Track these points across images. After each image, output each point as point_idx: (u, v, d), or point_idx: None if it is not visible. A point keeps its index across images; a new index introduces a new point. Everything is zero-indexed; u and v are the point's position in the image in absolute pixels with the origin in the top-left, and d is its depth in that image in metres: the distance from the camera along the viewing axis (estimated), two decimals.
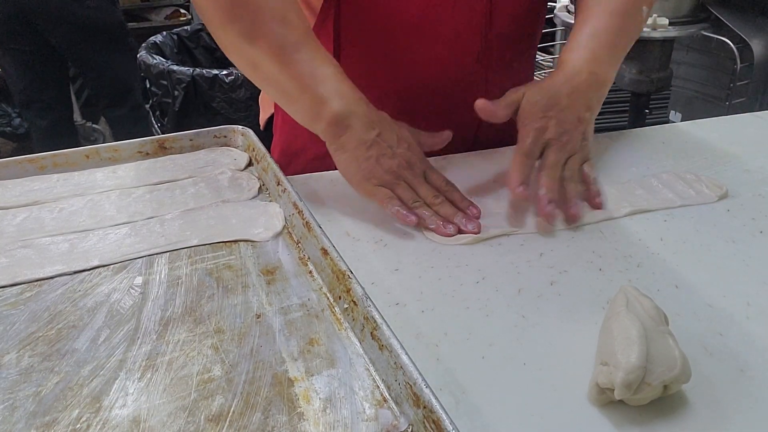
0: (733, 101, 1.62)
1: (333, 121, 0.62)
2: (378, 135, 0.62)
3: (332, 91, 0.62)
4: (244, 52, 0.64)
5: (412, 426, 0.38)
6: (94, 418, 0.39)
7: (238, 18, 0.62)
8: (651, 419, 0.40)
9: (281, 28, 0.62)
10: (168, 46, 2.39)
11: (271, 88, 0.67)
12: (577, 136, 0.66)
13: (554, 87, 0.67)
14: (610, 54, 0.70)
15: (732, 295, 0.51)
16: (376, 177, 0.61)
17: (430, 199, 0.61)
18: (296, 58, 0.62)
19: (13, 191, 0.65)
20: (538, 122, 0.65)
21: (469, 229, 0.59)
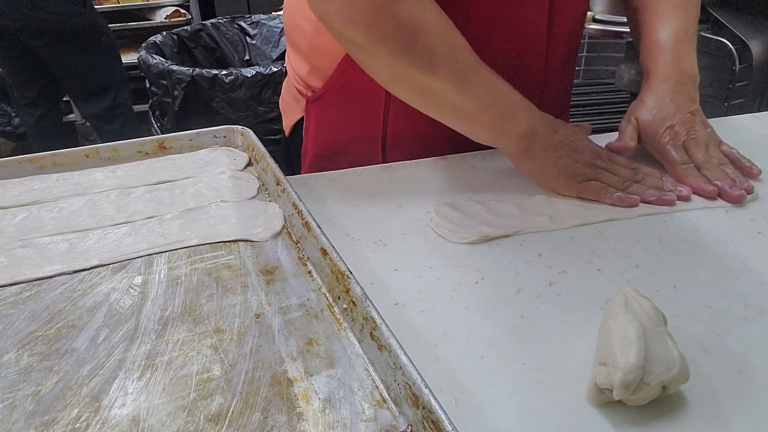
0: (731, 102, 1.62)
1: (522, 133, 0.65)
2: (561, 135, 0.66)
3: (514, 106, 0.65)
4: (418, 81, 0.63)
5: (411, 426, 0.38)
6: (93, 417, 0.39)
7: (413, 51, 0.61)
8: (649, 419, 0.40)
9: (454, 53, 0.62)
10: (168, 45, 2.39)
11: (448, 112, 0.66)
12: (700, 127, 0.71)
13: (656, 98, 0.72)
14: (688, 46, 0.74)
15: (730, 296, 0.51)
16: (579, 174, 0.64)
17: (633, 177, 0.65)
18: (473, 79, 0.63)
19: (13, 191, 0.65)
20: (663, 136, 0.70)
21: (685, 193, 0.63)
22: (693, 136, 0.70)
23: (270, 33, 2.57)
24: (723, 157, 0.69)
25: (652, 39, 0.75)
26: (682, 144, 0.69)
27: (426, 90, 0.64)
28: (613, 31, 1.64)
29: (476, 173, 0.72)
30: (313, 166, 0.83)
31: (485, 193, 0.68)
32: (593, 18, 1.66)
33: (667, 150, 0.69)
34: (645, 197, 0.63)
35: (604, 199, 0.63)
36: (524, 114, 0.65)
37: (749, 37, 1.57)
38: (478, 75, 0.64)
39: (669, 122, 0.70)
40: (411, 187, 0.69)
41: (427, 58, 0.61)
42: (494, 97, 0.64)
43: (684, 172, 0.67)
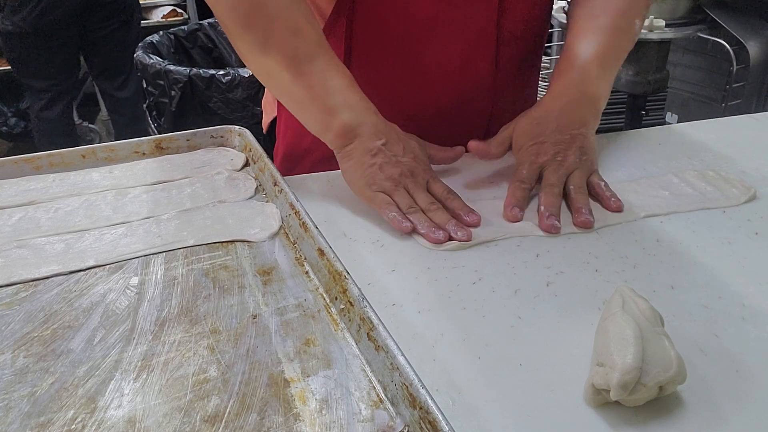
0: (729, 103, 1.63)
1: (341, 132, 0.63)
2: (384, 144, 0.63)
3: (342, 103, 0.63)
4: (259, 61, 0.65)
5: (408, 427, 0.38)
6: (89, 418, 0.39)
7: (252, 28, 0.63)
8: (647, 420, 0.40)
9: (294, 39, 0.63)
10: (165, 45, 2.39)
11: (285, 97, 0.68)
12: (573, 153, 0.66)
13: (542, 112, 0.68)
14: (601, 70, 0.70)
15: (727, 297, 0.51)
16: (376, 183, 0.62)
17: (425, 206, 0.61)
18: (308, 69, 0.63)
19: (9, 191, 0.65)
20: (530, 149, 0.67)
21: (458, 237, 0.58)
22: (560, 159, 0.66)
23: None
24: (582, 186, 0.64)
25: (566, 56, 0.71)
26: (541, 163, 0.66)
27: (267, 71, 0.66)
28: None
29: (474, 173, 0.72)
30: (283, 166, 0.83)
31: (481, 192, 0.67)
32: None
33: (521, 165, 0.66)
34: (417, 228, 0.59)
35: (382, 214, 0.61)
36: (348, 112, 0.63)
37: (746, 37, 1.58)
38: (313, 66, 0.63)
39: (541, 138, 0.67)
40: None
41: (261, 37, 0.63)
42: (325, 90, 0.63)
43: (511, 189, 0.64)
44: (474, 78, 0.76)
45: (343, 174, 0.65)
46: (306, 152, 0.81)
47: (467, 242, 0.58)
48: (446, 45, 0.73)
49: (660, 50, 1.57)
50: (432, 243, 0.58)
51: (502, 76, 0.77)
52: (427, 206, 0.61)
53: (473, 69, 0.75)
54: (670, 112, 1.91)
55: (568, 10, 0.79)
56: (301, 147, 0.81)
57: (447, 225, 0.59)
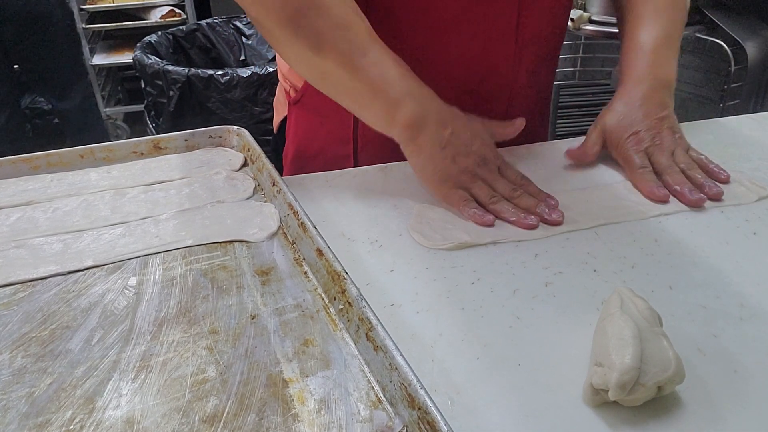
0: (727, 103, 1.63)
1: (408, 124, 0.62)
2: (451, 133, 0.63)
3: (404, 93, 0.62)
4: (312, 63, 0.63)
5: (407, 427, 0.38)
6: (87, 419, 0.39)
7: (302, 30, 0.61)
8: (645, 420, 0.40)
9: (346, 35, 0.61)
10: (163, 45, 2.38)
11: (343, 95, 0.66)
12: (667, 134, 0.69)
13: (626, 103, 0.70)
14: (668, 51, 0.72)
15: (726, 297, 0.51)
16: (452, 178, 0.62)
17: (508, 193, 0.62)
18: (364, 63, 0.61)
19: (7, 191, 0.65)
20: (628, 141, 0.69)
21: (553, 218, 0.59)
22: (658, 142, 0.68)
23: None
24: (691, 162, 0.68)
25: (632, 42, 0.73)
26: (644, 150, 0.68)
27: (322, 72, 0.64)
28: (608, 32, 1.65)
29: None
30: (293, 167, 0.83)
31: None
32: (589, 19, 1.67)
33: (629, 155, 0.68)
34: (505, 216, 0.60)
35: (462, 211, 0.61)
36: (413, 103, 0.61)
37: (744, 38, 1.58)
38: (369, 58, 0.61)
39: (635, 128, 0.69)
40: (407, 187, 0.68)
41: (314, 38, 0.61)
42: (384, 82, 0.61)
43: (638, 176, 0.66)
44: (493, 76, 0.76)
45: (414, 170, 0.65)
46: (318, 153, 0.80)
47: (465, 241, 0.58)
48: (467, 43, 0.73)
49: None
50: (525, 229, 0.59)
51: (521, 75, 0.78)
52: (510, 193, 0.62)
53: (493, 67, 0.75)
54: None
55: None
56: (313, 147, 0.81)
57: (537, 208, 0.60)
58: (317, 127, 0.73)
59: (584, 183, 0.69)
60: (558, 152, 0.76)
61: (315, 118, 0.79)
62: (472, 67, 0.74)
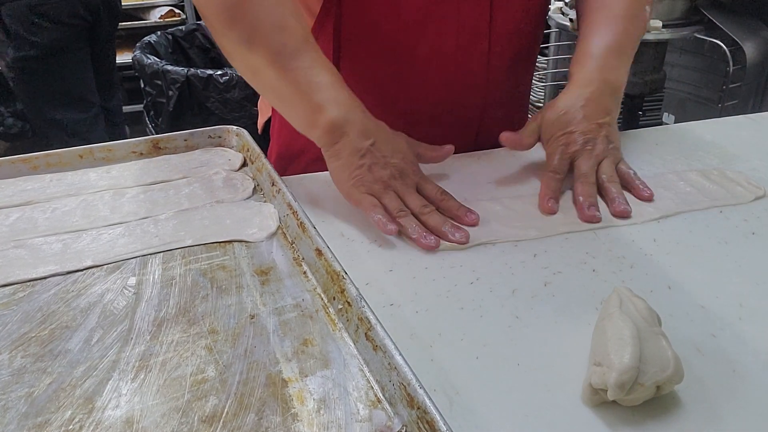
0: (725, 103, 1.63)
1: (328, 129, 0.62)
2: (372, 144, 0.62)
3: (329, 99, 0.62)
4: (244, 58, 0.64)
5: (406, 427, 0.38)
6: (86, 419, 0.39)
7: (237, 24, 0.62)
8: (644, 419, 0.40)
9: (280, 35, 0.62)
10: (162, 45, 2.39)
11: (270, 94, 0.67)
12: (602, 142, 0.67)
13: (568, 102, 0.69)
14: (619, 58, 0.71)
15: (724, 296, 0.51)
16: (365, 185, 0.61)
17: (418, 209, 0.61)
18: (294, 66, 0.62)
19: (6, 191, 0.65)
20: (559, 139, 0.67)
21: (456, 239, 0.58)
22: (589, 148, 0.67)
23: None
24: (614, 175, 0.66)
25: (582, 47, 0.72)
26: (572, 152, 0.67)
27: (252, 68, 0.65)
28: None
29: (471, 174, 0.72)
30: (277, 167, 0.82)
31: (479, 193, 0.67)
32: None
33: (552, 155, 0.67)
34: (406, 232, 0.59)
35: (368, 216, 0.60)
36: (336, 109, 0.62)
37: (743, 38, 1.58)
38: (299, 62, 0.62)
39: (570, 128, 0.67)
40: None
41: (247, 33, 0.62)
42: (311, 86, 0.62)
43: (545, 180, 0.65)
44: (466, 73, 0.76)
45: (330, 174, 0.64)
46: (300, 152, 0.80)
47: (464, 245, 0.58)
48: (438, 41, 0.73)
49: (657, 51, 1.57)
50: (424, 249, 0.58)
51: (495, 72, 0.77)
52: (419, 209, 0.60)
53: (465, 64, 0.75)
54: (667, 113, 1.92)
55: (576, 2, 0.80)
56: (295, 147, 0.81)
57: (443, 227, 0.59)
58: None
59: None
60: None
61: None
62: (445, 64, 0.74)
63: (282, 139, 0.83)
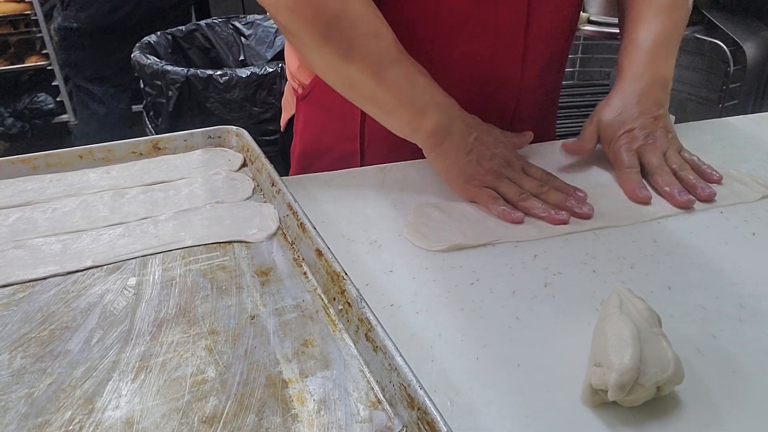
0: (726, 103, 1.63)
1: (433, 131, 0.64)
2: (476, 138, 0.64)
3: (429, 102, 0.64)
4: (340, 71, 0.64)
5: (407, 428, 0.38)
6: (86, 419, 0.39)
7: (333, 38, 0.62)
8: (644, 420, 0.40)
9: (376, 44, 0.63)
10: (162, 46, 2.38)
11: (369, 103, 0.67)
12: (661, 133, 0.69)
13: (621, 99, 0.70)
14: (667, 50, 0.73)
15: (725, 297, 0.51)
16: (478, 179, 0.63)
17: (536, 190, 0.62)
18: (392, 74, 0.63)
19: (6, 191, 0.65)
20: (621, 138, 0.69)
21: (584, 212, 0.60)
22: (651, 141, 0.68)
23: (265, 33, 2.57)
24: (683, 163, 0.68)
25: (631, 39, 0.74)
26: (636, 148, 0.68)
27: (349, 80, 0.65)
28: (607, 32, 1.65)
29: None
30: (300, 163, 0.83)
31: None
32: (588, 19, 1.67)
33: (619, 153, 0.68)
34: (535, 212, 0.60)
35: (490, 209, 0.62)
36: (437, 111, 0.64)
37: (743, 38, 1.58)
38: (397, 69, 0.63)
39: (629, 125, 0.69)
40: (406, 188, 0.69)
41: (344, 47, 0.62)
42: (411, 92, 0.64)
43: (624, 175, 0.67)
44: (501, 75, 0.76)
45: (439, 174, 0.66)
46: (327, 150, 0.81)
47: (459, 243, 0.58)
48: (475, 42, 0.73)
49: None
50: (557, 224, 0.59)
51: (528, 74, 0.78)
52: (537, 190, 0.62)
53: (500, 66, 0.75)
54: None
55: None
56: (321, 145, 0.81)
57: (567, 202, 0.60)
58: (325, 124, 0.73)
59: (586, 183, 0.69)
60: (560, 152, 0.76)
61: (322, 115, 0.79)
62: (479, 65, 0.75)
63: (307, 136, 0.83)
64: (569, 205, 0.60)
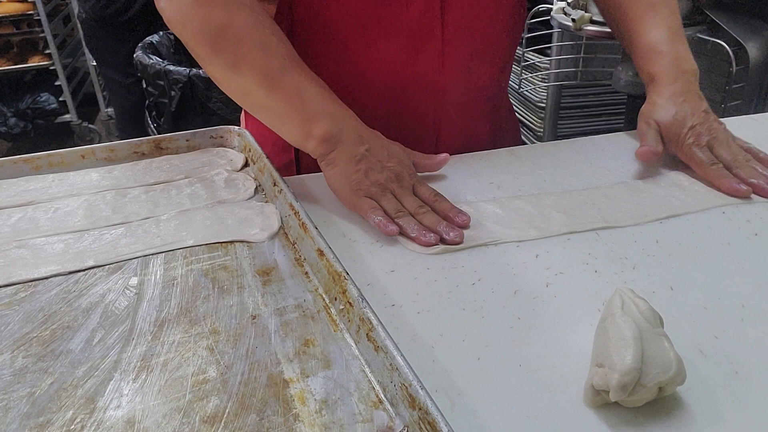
0: (728, 104, 1.62)
1: (323, 138, 0.63)
2: (368, 150, 0.64)
3: (320, 111, 0.64)
4: (233, 81, 0.66)
5: (408, 427, 0.38)
6: (88, 419, 0.39)
7: (221, 50, 0.64)
8: (646, 421, 0.40)
9: (264, 56, 0.64)
10: (164, 45, 2.38)
11: (263, 113, 0.68)
12: (717, 126, 0.71)
13: (670, 101, 0.72)
14: (682, 44, 0.75)
15: (727, 298, 0.51)
16: (362, 189, 0.62)
17: (414, 209, 0.61)
18: (282, 82, 0.64)
19: (8, 191, 0.65)
20: (687, 138, 0.70)
21: (451, 238, 0.58)
22: (714, 135, 0.70)
23: None
24: (745, 154, 0.70)
25: (645, 42, 0.75)
26: (705, 144, 0.70)
27: (241, 90, 0.66)
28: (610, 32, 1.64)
29: (472, 174, 0.72)
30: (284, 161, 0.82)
31: (479, 194, 0.67)
32: (590, 19, 1.67)
33: (694, 152, 0.69)
34: (405, 231, 0.59)
35: (368, 218, 0.61)
36: (328, 119, 0.63)
37: (746, 38, 1.58)
38: (287, 78, 0.64)
39: (690, 123, 0.70)
40: None
41: (232, 58, 0.63)
42: (301, 100, 0.64)
43: (715, 173, 0.67)
44: (419, 74, 0.75)
45: (327, 181, 0.65)
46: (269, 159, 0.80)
47: (458, 245, 0.58)
48: (388, 42, 0.72)
49: None
50: (422, 246, 0.58)
51: (449, 74, 0.76)
52: (415, 210, 0.61)
53: (418, 65, 0.74)
54: None
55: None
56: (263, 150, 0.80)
57: (438, 227, 0.59)
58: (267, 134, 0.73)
59: (587, 183, 0.69)
60: (561, 153, 0.76)
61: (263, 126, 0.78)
62: (396, 66, 0.74)
63: None
64: (439, 229, 0.59)
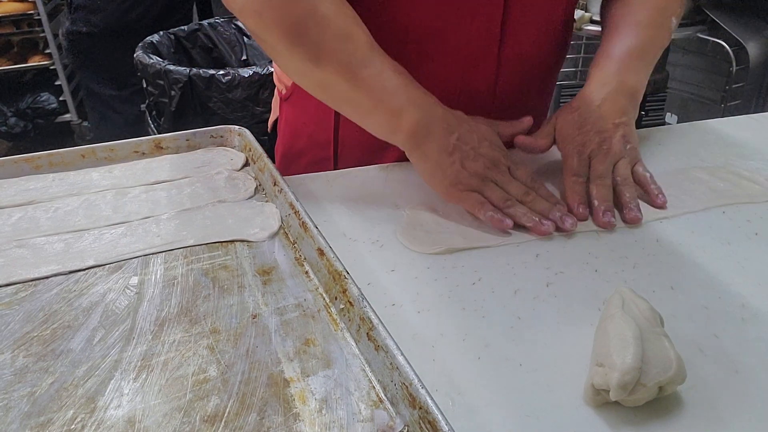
0: (728, 103, 1.63)
1: (412, 131, 0.61)
2: (458, 138, 0.62)
3: (406, 101, 0.61)
4: (312, 74, 0.63)
5: (408, 427, 0.38)
6: (88, 418, 0.39)
7: (302, 42, 0.60)
8: (646, 420, 0.40)
9: (346, 46, 0.61)
10: (164, 45, 2.38)
11: (345, 106, 0.65)
12: (618, 142, 0.66)
13: (584, 102, 0.68)
14: (639, 63, 0.70)
15: (727, 297, 0.51)
16: (462, 182, 0.61)
17: (521, 197, 0.60)
18: (365, 74, 0.61)
19: (9, 191, 0.65)
20: (576, 139, 0.66)
21: (567, 226, 0.58)
22: (605, 148, 0.65)
23: None
24: (628, 177, 0.64)
25: (603, 50, 0.71)
26: (588, 153, 0.65)
27: (322, 83, 0.63)
28: None
29: None
30: (280, 165, 0.82)
31: None
32: (590, 19, 1.67)
33: (570, 156, 0.65)
34: (521, 221, 0.58)
35: (477, 214, 0.60)
36: (416, 111, 0.61)
37: (746, 38, 1.58)
38: (371, 69, 0.61)
39: (586, 127, 0.66)
40: (407, 188, 0.69)
41: (314, 49, 0.60)
42: (386, 92, 0.61)
43: (569, 185, 0.63)
44: (472, 96, 0.74)
45: (422, 177, 0.63)
46: (300, 153, 0.80)
47: (451, 246, 0.57)
48: (444, 61, 0.71)
49: None
50: (541, 235, 0.58)
51: (502, 96, 0.75)
52: (523, 196, 0.60)
53: (471, 87, 0.73)
54: (669, 113, 1.91)
55: (602, 7, 0.79)
56: (297, 147, 0.80)
57: (551, 213, 0.59)
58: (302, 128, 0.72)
59: None
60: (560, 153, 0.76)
61: (300, 119, 0.78)
62: (449, 86, 0.72)
63: (286, 137, 0.82)
64: (552, 217, 0.58)
